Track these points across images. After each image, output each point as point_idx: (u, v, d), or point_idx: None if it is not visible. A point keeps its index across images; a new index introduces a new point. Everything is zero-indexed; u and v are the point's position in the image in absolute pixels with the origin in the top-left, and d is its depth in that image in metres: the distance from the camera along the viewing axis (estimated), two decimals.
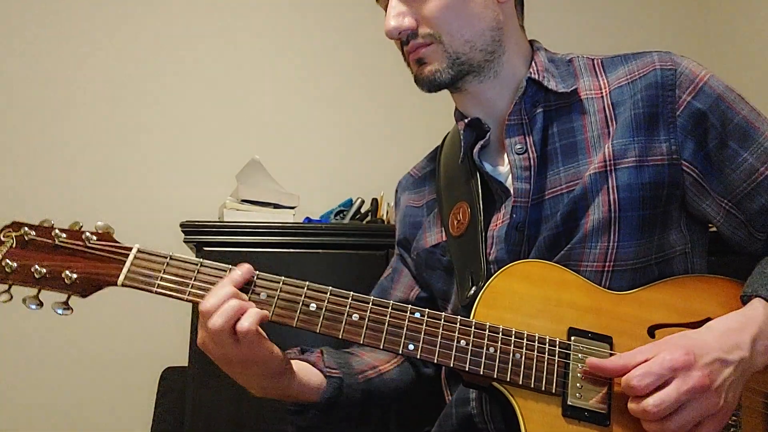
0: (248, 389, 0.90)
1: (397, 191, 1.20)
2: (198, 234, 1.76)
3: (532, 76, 0.97)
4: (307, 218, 2.00)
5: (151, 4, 2.30)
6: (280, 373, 0.89)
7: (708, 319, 0.84)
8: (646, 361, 0.77)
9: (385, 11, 0.97)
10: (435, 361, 0.82)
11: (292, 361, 0.93)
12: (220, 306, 0.80)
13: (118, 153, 2.21)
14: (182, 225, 1.75)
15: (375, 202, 2.02)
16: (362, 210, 2.02)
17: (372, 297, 0.85)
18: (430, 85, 0.96)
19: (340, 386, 0.97)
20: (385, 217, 2.00)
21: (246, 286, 0.84)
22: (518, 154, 0.95)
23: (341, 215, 2.01)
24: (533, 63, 0.99)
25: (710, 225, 0.99)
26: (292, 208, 1.92)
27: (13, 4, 2.21)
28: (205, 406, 1.68)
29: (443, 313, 0.84)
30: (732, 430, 0.82)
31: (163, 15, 2.30)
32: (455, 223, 1.00)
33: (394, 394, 1.06)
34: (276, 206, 1.91)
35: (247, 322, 0.80)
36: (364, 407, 1.01)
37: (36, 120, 2.20)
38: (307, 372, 0.95)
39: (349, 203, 2.05)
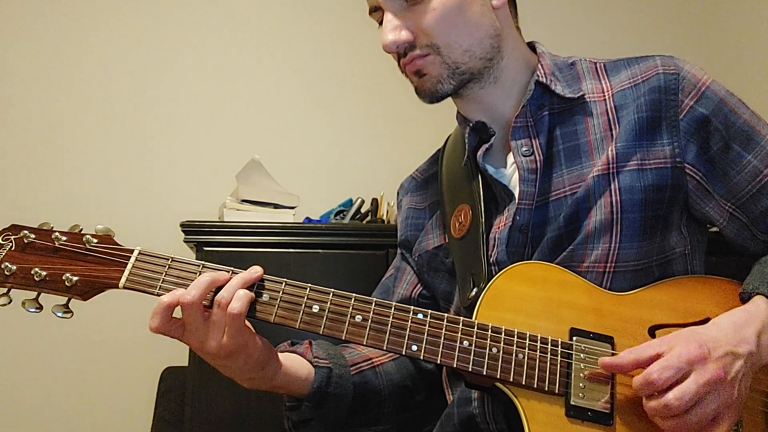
0: (235, 380, 0.89)
1: (399, 194, 1.20)
2: (198, 234, 1.76)
3: (540, 79, 0.96)
4: (307, 218, 2.01)
5: (151, 5, 2.29)
6: (265, 364, 0.87)
7: (707, 320, 0.84)
8: (658, 354, 0.76)
9: (379, 24, 0.95)
10: (438, 361, 0.82)
11: (281, 354, 0.92)
12: (233, 295, 0.80)
13: (117, 153, 2.21)
14: (182, 225, 1.75)
15: (375, 202, 2.02)
16: (362, 210, 2.02)
17: (374, 298, 0.85)
18: (432, 97, 0.95)
19: (329, 375, 0.94)
20: (385, 217, 2.00)
21: (248, 288, 0.84)
22: (525, 156, 0.94)
23: (341, 215, 2.01)
24: (540, 66, 0.98)
25: (710, 226, 0.99)
26: (292, 208, 1.93)
27: (14, 4, 2.21)
28: (205, 406, 1.68)
29: (446, 314, 0.84)
30: (734, 429, 0.82)
31: (164, 15, 2.30)
32: (457, 225, 1.00)
33: (390, 389, 1.03)
34: (276, 206, 1.91)
35: (238, 303, 0.80)
36: (358, 401, 0.98)
37: (35, 121, 2.19)
38: (294, 363, 0.93)
39: (349, 203, 2.05)
